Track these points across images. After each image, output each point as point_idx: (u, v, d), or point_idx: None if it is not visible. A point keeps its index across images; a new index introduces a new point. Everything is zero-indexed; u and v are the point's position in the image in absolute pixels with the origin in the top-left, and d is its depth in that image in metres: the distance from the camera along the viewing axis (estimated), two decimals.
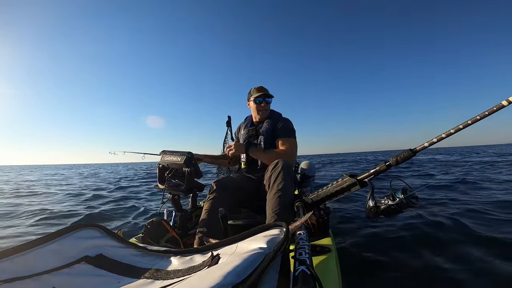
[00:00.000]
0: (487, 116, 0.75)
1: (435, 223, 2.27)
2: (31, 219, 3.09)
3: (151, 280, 0.54)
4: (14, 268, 0.48)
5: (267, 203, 1.22)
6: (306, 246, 0.55)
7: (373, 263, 1.57)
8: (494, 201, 2.97)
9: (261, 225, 0.57)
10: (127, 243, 0.70)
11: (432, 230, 2.10)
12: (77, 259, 0.58)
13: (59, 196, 5.13)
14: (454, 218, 2.34)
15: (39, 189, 6.66)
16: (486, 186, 4.13)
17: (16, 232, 2.56)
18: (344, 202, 3.37)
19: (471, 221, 2.27)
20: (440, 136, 0.81)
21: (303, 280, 0.42)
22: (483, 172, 6.02)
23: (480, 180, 4.65)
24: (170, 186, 1.24)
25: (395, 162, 0.87)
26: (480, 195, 3.47)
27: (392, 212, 0.88)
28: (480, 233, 1.94)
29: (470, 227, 2.10)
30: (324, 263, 0.95)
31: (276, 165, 1.28)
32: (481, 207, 2.72)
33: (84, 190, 6.03)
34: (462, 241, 1.85)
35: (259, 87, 1.75)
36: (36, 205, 4.09)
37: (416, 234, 2.02)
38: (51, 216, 3.24)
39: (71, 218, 3.14)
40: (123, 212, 3.47)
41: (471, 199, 3.23)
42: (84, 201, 4.48)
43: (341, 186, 1.02)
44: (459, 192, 3.81)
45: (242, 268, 0.37)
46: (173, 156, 1.22)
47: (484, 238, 1.85)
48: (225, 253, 0.53)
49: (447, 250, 1.71)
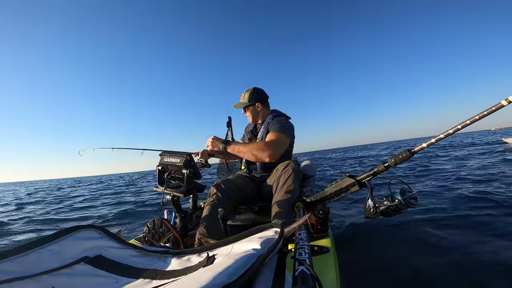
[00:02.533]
0: (486, 116, 0.75)
1: (434, 223, 2.25)
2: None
3: (148, 280, 0.55)
4: (14, 268, 0.49)
5: (274, 202, 1.23)
6: (306, 246, 0.56)
7: (372, 263, 1.57)
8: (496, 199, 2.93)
9: (257, 226, 0.58)
10: (126, 244, 0.70)
11: (432, 230, 2.08)
12: (76, 259, 0.59)
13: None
14: (455, 218, 2.32)
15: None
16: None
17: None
18: (344, 202, 3.36)
19: (474, 221, 2.25)
20: (439, 137, 0.81)
21: (302, 280, 0.42)
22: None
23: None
24: (169, 188, 1.25)
25: (393, 163, 0.87)
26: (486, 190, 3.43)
27: (391, 212, 0.88)
28: (483, 233, 1.93)
29: (474, 226, 2.09)
30: (324, 263, 0.95)
31: (287, 166, 1.29)
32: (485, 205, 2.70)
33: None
34: (463, 241, 1.84)
35: (242, 94, 1.71)
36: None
37: (416, 234, 2.02)
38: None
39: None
40: None
41: (476, 195, 3.20)
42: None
43: (340, 187, 1.03)
44: (464, 189, 3.77)
45: (234, 268, 0.38)
46: (172, 157, 1.23)
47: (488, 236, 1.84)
48: (221, 253, 0.54)
49: (447, 250, 1.70)
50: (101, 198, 7.00)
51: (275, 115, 1.66)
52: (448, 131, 0.79)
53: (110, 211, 4.51)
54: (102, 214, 4.31)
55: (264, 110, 1.71)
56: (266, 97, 1.73)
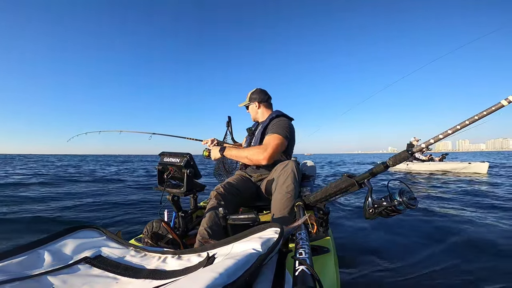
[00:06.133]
0: (485, 116, 0.75)
1: (434, 223, 2.26)
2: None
3: (149, 281, 0.55)
4: (14, 268, 0.49)
5: (274, 202, 1.24)
6: (306, 246, 0.56)
7: (372, 263, 1.57)
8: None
9: (257, 226, 0.58)
10: (126, 243, 0.71)
11: (432, 231, 2.09)
12: (76, 259, 0.59)
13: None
14: (455, 218, 2.32)
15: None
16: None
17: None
18: (344, 202, 3.37)
19: (474, 220, 2.26)
20: (437, 137, 0.81)
21: (303, 280, 0.42)
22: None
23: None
24: (169, 187, 1.24)
25: (392, 163, 0.87)
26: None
27: (390, 213, 0.88)
28: (485, 232, 1.93)
29: (472, 226, 2.09)
30: (324, 263, 0.96)
31: (287, 166, 1.29)
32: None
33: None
34: (464, 240, 1.84)
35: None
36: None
37: (415, 234, 2.02)
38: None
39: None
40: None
41: (474, 198, 3.21)
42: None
43: (340, 187, 1.03)
44: (461, 193, 3.78)
45: (234, 269, 0.38)
46: (172, 157, 1.23)
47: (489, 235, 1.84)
48: (220, 253, 0.54)
49: (447, 250, 1.70)
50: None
51: (274, 116, 1.66)
52: (447, 131, 0.79)
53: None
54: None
55: (264, 109, 1.77)
56: (266, 98, 1.79)
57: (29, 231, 2.45)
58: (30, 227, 2.58)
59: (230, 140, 2.21)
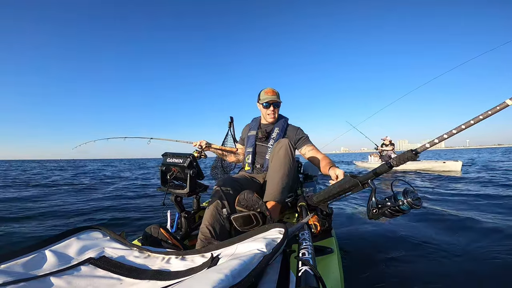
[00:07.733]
0: (490, 115, 0.74)
1: (438, 223, 2.24)
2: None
3: (153, 282, 0.55)
4: (19, 270, 0.49)
5: (268, 180, 1.31)
6: (309, 246, 0.56)
7: (376, 264, 1.56)
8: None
9: (261, 226, 0.58)
10: (130, 244, 0.70)
11: (435, 231, 2.07)
12: (80, 260, 0.59)
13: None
14: (458, 218, 2.31)
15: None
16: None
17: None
18: (347, 203, 3.35)
19: (477, 221, 2.24)
20: (442, 137, 0.81)
21: (306, 281, 0.42)
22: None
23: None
24: (172, 188, 1.24)
25: (396, 163, 0.87)
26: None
27: (394, 213, 0.87)
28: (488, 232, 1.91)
29: (477, 227, 2.07)
30: (327, 264, 0.95)
31: (281, 146, 1.33)
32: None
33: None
34: (465, 240, 1.83)
35: (269, 90, 1.70)
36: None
37: (419, 234, 2.01)
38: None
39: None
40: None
41: (483, 200, 3.18)
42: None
43: (343, 187, 1.02)
44: (467, 194, 3.75)
45: (239, 270, 0.37)
46: (175, 158, 1.23)
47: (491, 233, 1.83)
48: (225, 254, 0.54)
49: (451, 250, 1.69)
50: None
51: (287, 119, 1.79)
52: (451, 131, 0.79)
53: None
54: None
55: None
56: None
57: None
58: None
59: (231, 140, 2.20)
